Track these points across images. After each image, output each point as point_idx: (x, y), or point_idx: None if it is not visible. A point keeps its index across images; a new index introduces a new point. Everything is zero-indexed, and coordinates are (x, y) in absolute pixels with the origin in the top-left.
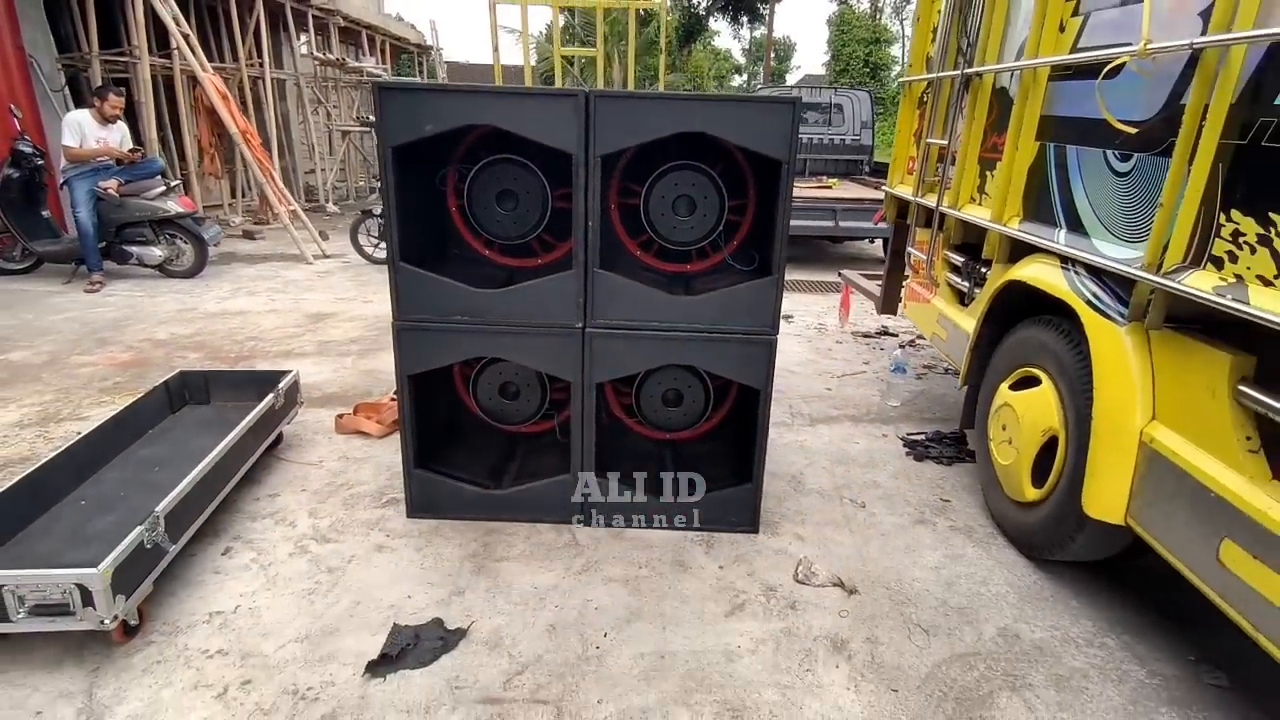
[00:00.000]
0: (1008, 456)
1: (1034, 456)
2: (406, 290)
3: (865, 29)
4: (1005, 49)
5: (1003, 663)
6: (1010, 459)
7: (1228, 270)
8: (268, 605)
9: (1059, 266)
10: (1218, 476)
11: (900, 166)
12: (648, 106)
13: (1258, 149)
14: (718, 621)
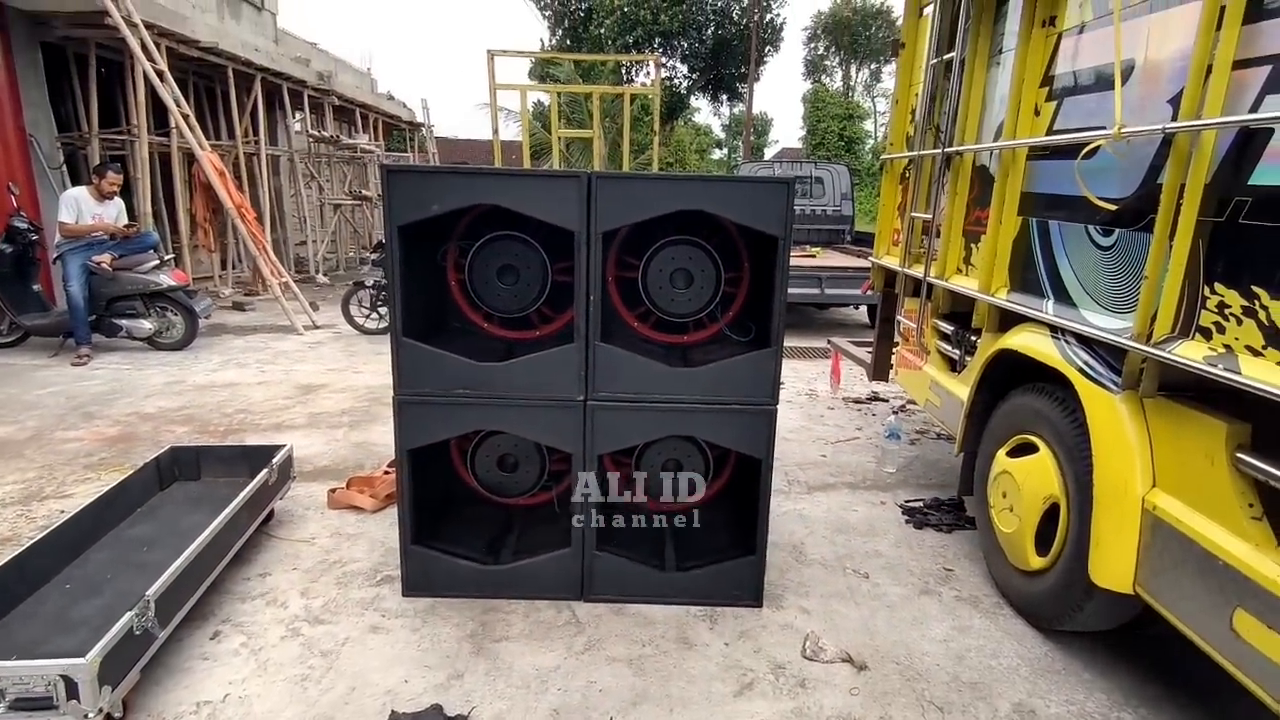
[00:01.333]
0: (1010, 524)
1: (1036, 524)
2: (409, 364)
3: (839, 105)
4: (984, 129)
5: None
6: (1013, 527)
7: (1216, 340)
8: (258, 694)
9: (1049, 335)
10: (1224, 544)
11: (885, 238)
12: (647, 186)
13: (1235, 225)
14: (727, 702)
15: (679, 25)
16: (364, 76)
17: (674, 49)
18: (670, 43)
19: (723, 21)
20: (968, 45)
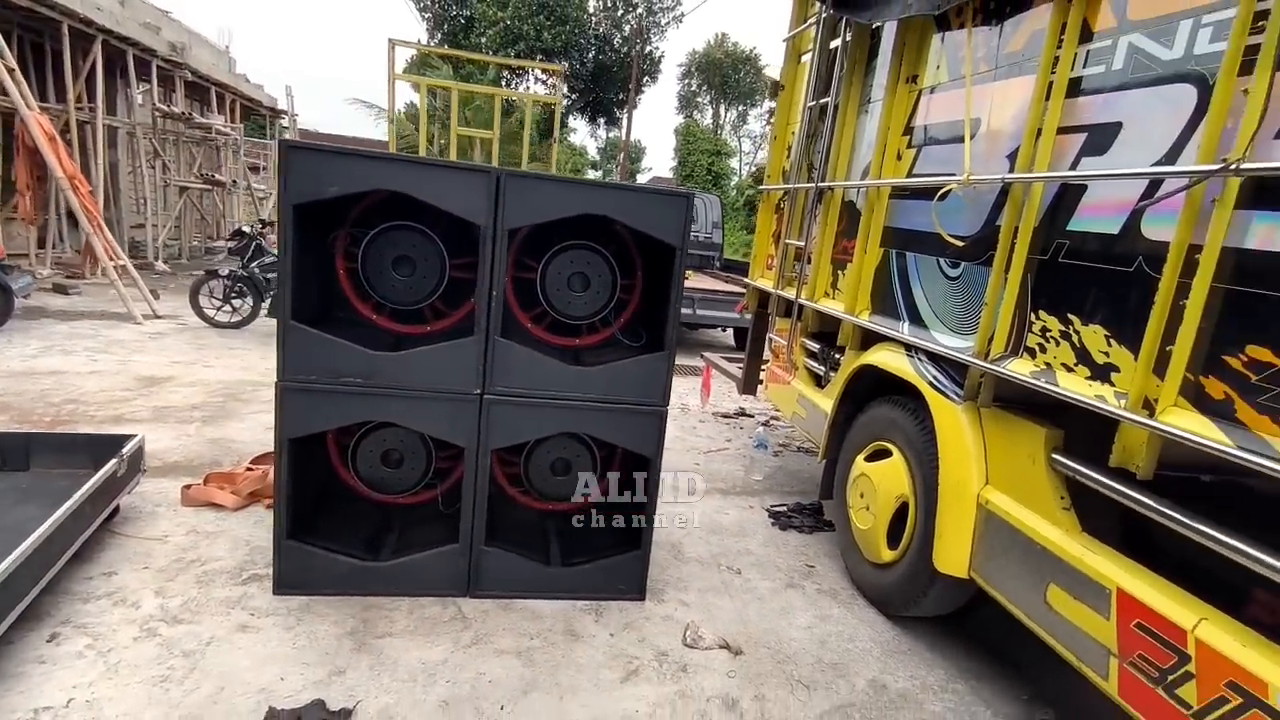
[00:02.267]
0: (866, 522)
1: (889, 521)
2: (295, 349)
3: (708, 141)
4: (853, 168)
5: (874, 712)
6: (868, 524)
7: (1040, 359)
8: (110, 696)
9: (904, 353)
10: (1041, 531)
11: (760, 262)
12: (556, 188)
13: (1055, 263)
14: (614, 688)
15: (561, 45)
16: (221, 55)
17: None
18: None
19: (604, 47)
20: (841, 93)
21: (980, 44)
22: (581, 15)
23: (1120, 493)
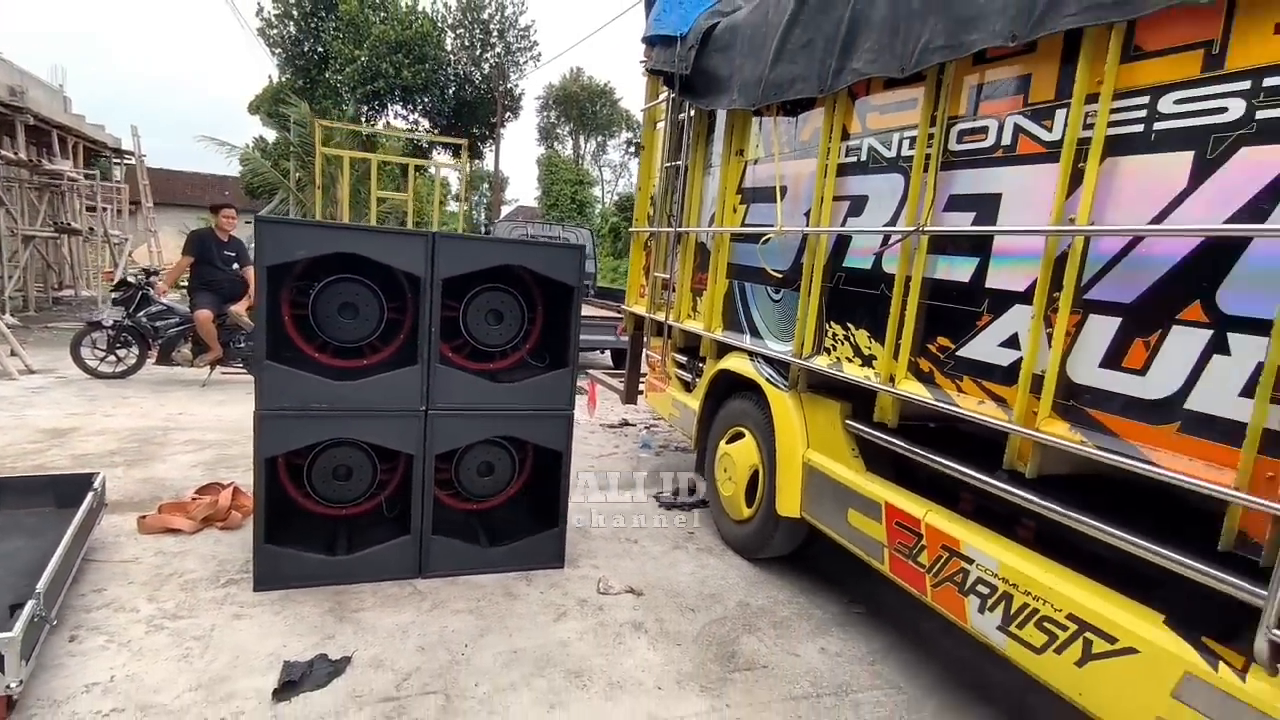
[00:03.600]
0: (729, 490)
1: (744, 486)
2: (270, 384)
3: (570, 171)
4: (702, 217)
5: (741, 620)
6: (731, 491)
7: (833, 355)
8: (145, 671)
9: (748, 359)
10: (841, 474)
11: (634, 291)
12: (480, 245)
13: (838, 289)
14: (550, 626)
15: (422, 82)
16: (56, 94)
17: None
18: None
19: (464, 84)
20: (689, 157)
21: (783, 132)
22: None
23: (881, 439)
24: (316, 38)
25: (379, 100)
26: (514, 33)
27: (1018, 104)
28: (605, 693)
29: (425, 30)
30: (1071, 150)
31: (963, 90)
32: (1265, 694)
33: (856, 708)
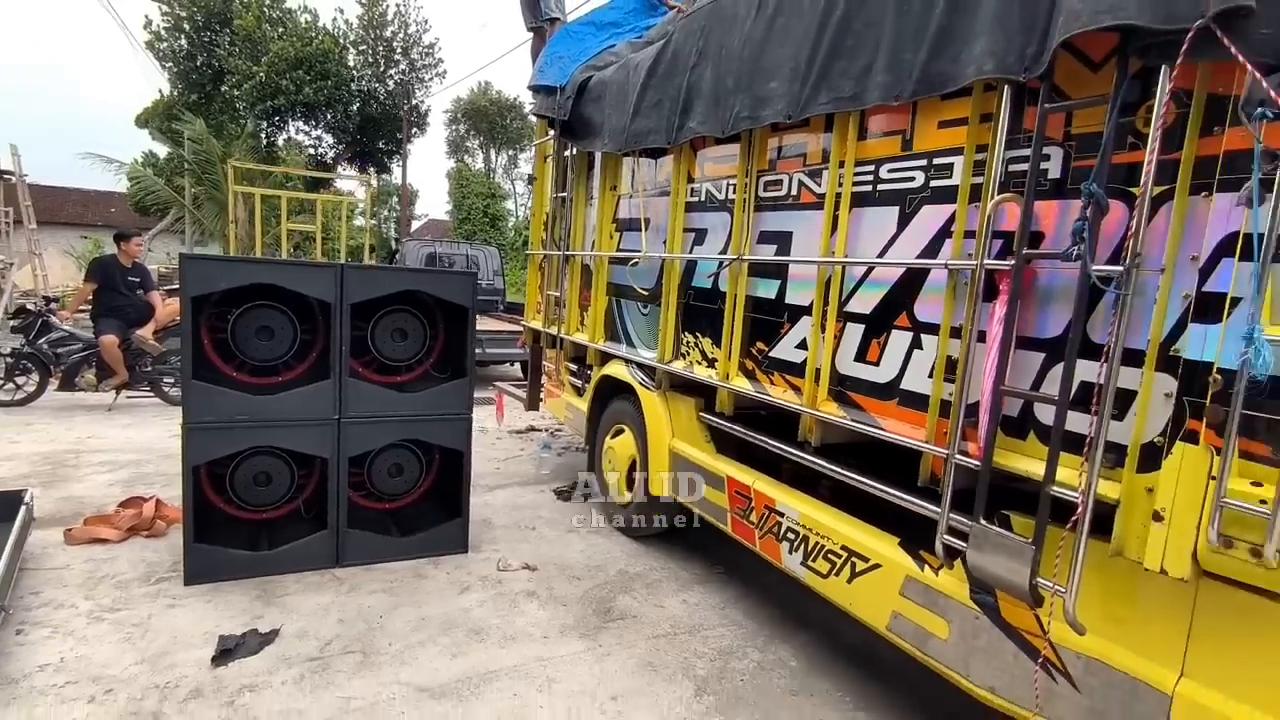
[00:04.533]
0: (613, 478)
1: (625, 474)
2: (196, 400)
3: (482, 185)
4: (585, 243)
5: (620, 584)
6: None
7: (687, 360)
8: (92, 653)
9: (625, 365)
10: (697, 457)
11: (532, 308)
12: (382, 274)
13: (689, 305)
14: (454, 598)
15: (324, 99)
16: None
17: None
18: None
19: (368, 100)
20: (573, 190)
21: (645, 173)
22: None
23: (724, 426)
24: (210, 52)
25: (279, 116)
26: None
27: (800, 164)
28: (500, 643)
29: (326, 47)
30: (832, 201)
31: (766, 150)
32: (948, 583)
33: (705, 640)
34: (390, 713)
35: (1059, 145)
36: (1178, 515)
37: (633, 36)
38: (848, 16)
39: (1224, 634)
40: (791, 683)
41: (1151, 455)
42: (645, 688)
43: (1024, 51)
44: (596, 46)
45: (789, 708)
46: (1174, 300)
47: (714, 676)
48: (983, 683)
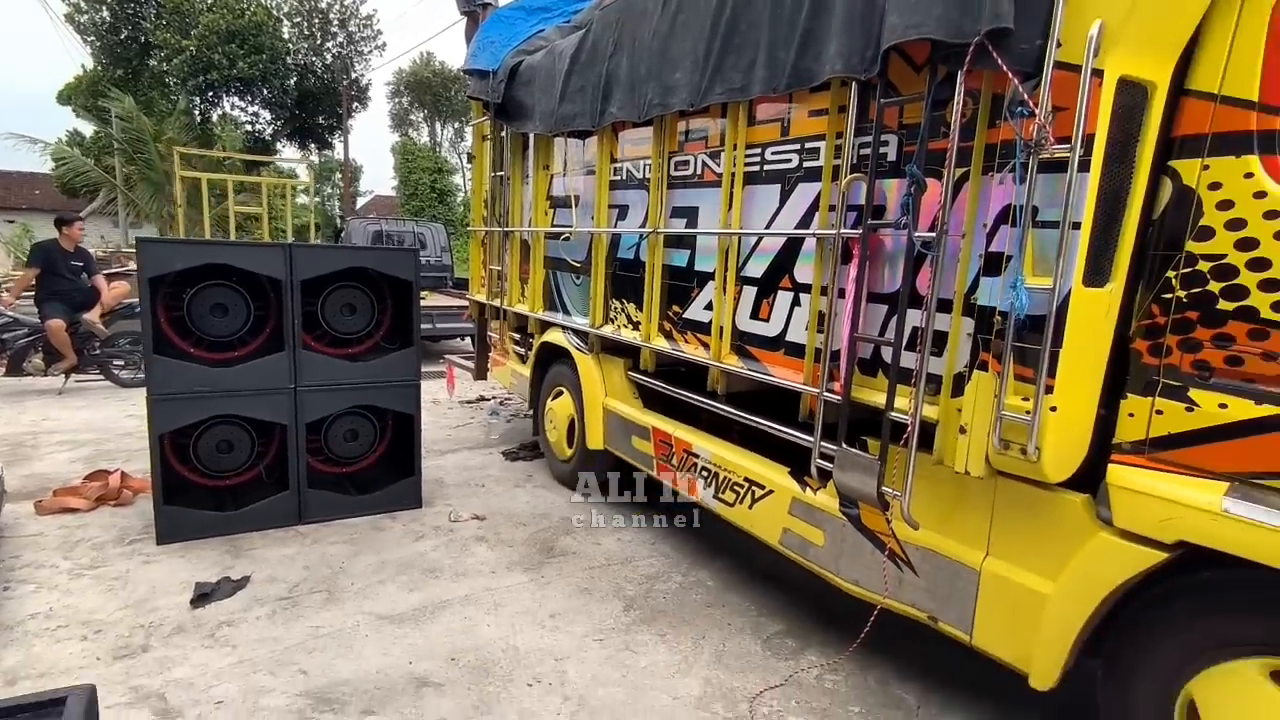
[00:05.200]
0: (555, 436)
1: (565, 432)
2: (159, 373)
3: (428, 159)
4: (524, 219)
5: (562, 526)
6: (556, 438)
7: (615, 324)
8: (79, 602)
9: (562, 332)
10: (627, 412)
11: (476, 282)
12: (331, 252)
13: (615, 274)
14: (411, 544)
15: (259, 73)
16: None
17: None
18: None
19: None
20: (510, 169)
21: (574, 153)
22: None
23: (648, 383)
24: (136, 25)
25: (213, 92)
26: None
27: (703, 147)
28: (452, 578)
29: (260, 19)
30: (728, 180)
31: (675, 134)
32: (823, 500)
33: (635, 568)
34: (356, 636)
35: (894, 133)
36: (975, 428)
37: (561, 21)
38: (735, 17)
39: (1013, 518)
40: (707, 597)
41: (959, 383)
42: (581, 607)
43: (864, 54)
44: (527, 31)
45: (703, 616)
46: (973, 259)
47: (641, 596)
48: (849, 578)
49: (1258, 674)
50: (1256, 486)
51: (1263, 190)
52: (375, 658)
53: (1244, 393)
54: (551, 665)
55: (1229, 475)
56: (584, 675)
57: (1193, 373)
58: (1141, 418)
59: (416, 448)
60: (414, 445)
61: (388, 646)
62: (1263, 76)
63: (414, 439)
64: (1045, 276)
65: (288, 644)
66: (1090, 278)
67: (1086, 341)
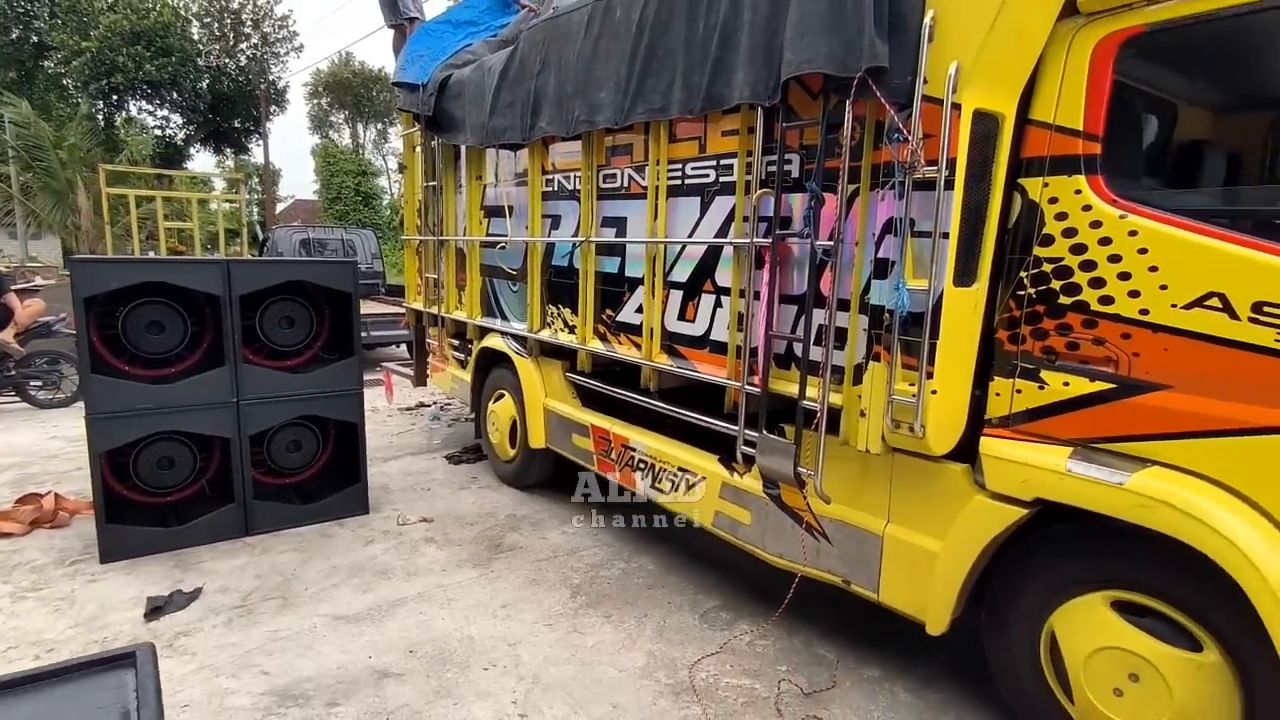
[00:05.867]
0: (497, 437)
1: (508, 433)
2: (97, 391)
3: (350, 162)
4: (458, 228)
5: (508, 524)
6: (498, 439)
7: (552, 329)
8: (25, 624)
9: (501, 337)
10: (566, 411)
11: (413, 289)
12: (269, 267)
13: (550, 280)
14: (360, 549)
15: (168, 77)
16: None
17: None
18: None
19: (219, 77)
20: (443, 179)
21: (506, 165)
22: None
23: (586, 383)
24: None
25: (117, 95)
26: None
27: (629, 161)
28: (404, 578)
29: (167, 20)
30: (653, 192)
31: (603, 149)
32: (749, 483)
33: (581, 558)
34: (314, 636)
35: (796, 152)
36: (872, 411)
37: (488, 35)
38: (653, 43)
39: (907, 488)
40: (649, 580)
41: (859, 373)
42: (530, 597)
43: (767, 83)
44: (455, 45)
45: (645, 597)
46: (865, 265)
47: (586, 583)
48: (774, 552)
49: (1100, 604)
50: (1093, 449)
51: (1088, 204)
52: (335, 655)
53: (1080, 372)
54: (505, 650)
55: (1072, 441)
56: (536, 657)
57: (1042, 357)
58: (1005, 396)
59: (361, 455)
60: (359, 453)
61: (346, 644)
62: (1086, 109)
63: (358, 447)
64: (923, 279)
65: (247, 648)
66: (959, 279)
67: (959, 334)
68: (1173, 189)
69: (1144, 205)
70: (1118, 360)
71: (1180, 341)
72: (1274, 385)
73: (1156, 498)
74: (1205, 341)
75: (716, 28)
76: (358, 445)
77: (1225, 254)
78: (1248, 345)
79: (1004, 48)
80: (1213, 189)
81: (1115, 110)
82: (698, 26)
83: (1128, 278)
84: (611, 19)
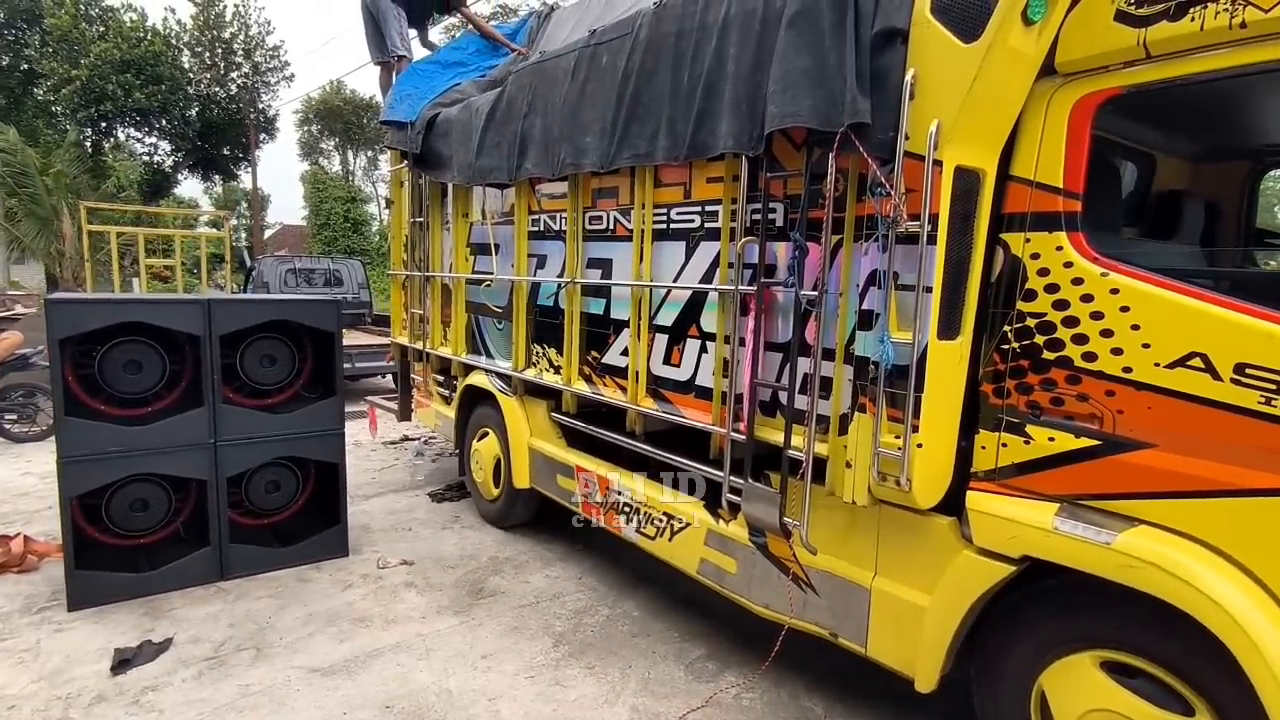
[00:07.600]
0: (481, 476)
1: (491, 472)
2: (69, 435)
3: (340, 188)
4: (444, 264)
5: (491, 567)
6: (483, 477)
7: (537, 368)
8: None
9: (486, 374)
10: (552, 452)
11: (398, 324)
12: (250, 305)
13: (536, 319)
14: (338, 594)
15: (158, 104)
16: None
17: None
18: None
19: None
20: (430, 216)
21: (493, 203)
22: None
23: (571, 424)
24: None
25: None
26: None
27: (615, 204)
28: (382, 626)
29: (157, 49)
30: (639, 235)
31: (589, 191)
32: (735, 530)
33: (564, 604)
34: (287, 692)
35: (780, 201)
36: (859, 462)
37: (476, 75)
38: (638, 91)
39: (895, 540)
40: (633, 628)
41: (845, 423)
42: (511, 646)
43: (751, 134)
44: (443, 85)
45: (629, 646)
46: (850, 315)
47: (570, 630)
48: (760, 602)
49: (1090, 664)
50: (1079, 506)
51: (1070, 261)
52: (309, 711)
53: (1065, 428)
54: (484, 705)
55: (1059, 497)
56: (516, 713)
57: (1027, 411)
58: (991, 450)
59: (342, 496)
60: (339, 493)
61: (321, 699)
62: (1065, 166)
63: (339, 487)
64: (907, 331)
65: (217, 704)
66: (943, 332)
67: (944, 387)
68: (1153, 248)
69: (1125, 264)
70: (1102, 417)
71: (1164, 400)
72: (1258, 447)
73: (1143, 558)
74: (1189, 401)
75: (701, 78)
76: (338, 485)
77: (1206, 314)
78: (1231, 406)
79: (983, 106)
80: (1192, 248)
81: (1095, 168)
82: (683, 76)
83: (1110, 335)
84: (598, 65)
